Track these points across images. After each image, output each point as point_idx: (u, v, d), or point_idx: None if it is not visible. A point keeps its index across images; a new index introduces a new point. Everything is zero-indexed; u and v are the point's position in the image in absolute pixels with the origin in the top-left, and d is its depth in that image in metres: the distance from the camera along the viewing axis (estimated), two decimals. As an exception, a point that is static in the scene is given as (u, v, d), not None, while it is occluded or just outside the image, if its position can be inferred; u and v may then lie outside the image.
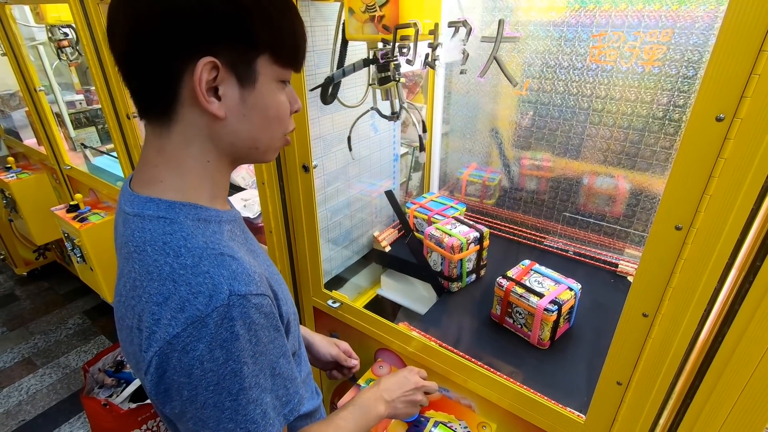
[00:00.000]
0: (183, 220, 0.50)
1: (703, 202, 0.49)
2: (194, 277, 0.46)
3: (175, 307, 0.45)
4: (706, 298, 0.53)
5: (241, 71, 0.49)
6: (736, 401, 0.55)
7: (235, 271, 0.48)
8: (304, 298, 1.13)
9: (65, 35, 1.76)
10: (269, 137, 0.55)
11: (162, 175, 0.52)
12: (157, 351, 0.45)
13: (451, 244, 1.10)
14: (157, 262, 0.47)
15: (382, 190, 1.30)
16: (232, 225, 0.56)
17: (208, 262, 0.47)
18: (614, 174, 1.19)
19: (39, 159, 2.29)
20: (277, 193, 0.99)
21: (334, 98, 0.94)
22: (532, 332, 0.97)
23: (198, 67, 0.46)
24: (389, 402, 0.77)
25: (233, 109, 0.50)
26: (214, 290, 0.46)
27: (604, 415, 0.69)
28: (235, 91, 0.50)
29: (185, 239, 0.49)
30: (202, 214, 0.52)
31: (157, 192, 0.51)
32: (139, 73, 0.49)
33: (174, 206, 0.51)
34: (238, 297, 0.46)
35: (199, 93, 0.47)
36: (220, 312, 0.45)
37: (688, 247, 0.52)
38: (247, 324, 0.47)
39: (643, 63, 1.00)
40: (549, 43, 1.14)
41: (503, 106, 1.32)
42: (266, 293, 0.50)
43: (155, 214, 0.50)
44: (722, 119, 0.45)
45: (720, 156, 0.46)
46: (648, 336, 0.59)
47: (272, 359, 0.51)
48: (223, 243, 0.51)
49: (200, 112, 0.50)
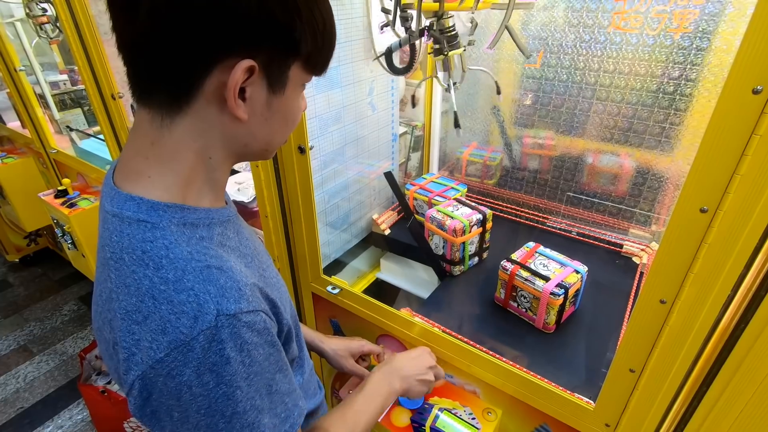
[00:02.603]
0: (166, 224, 0.45)
1: (733, 183, 0.45)
2: (177, 294, 0.42)
3: (156, 329, 0.41)
4: (729, 284, 0.50)
5: (274, 75, 0.46)
6: (756, 390, 0.53)
7: (224, 287, 0.43)
8: (302, 284, 1.10)
9: (44, 11, 1.66)
10: (281, 138, 0.53)
11: (152, 169, 0.47)
12: (140, 375, 0.41)
13: (453, 227, 1.06)
14: (135, 273, 0.43)
15: (381, 172, 1.26)
16: (224, 226, 0.51)
17: (193, 277, 0.43)
18: (620, 152, 1.15)
19: (24, 143, 2.22)
20: (272, 176, 0.95)
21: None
22: (537, 316, 0.94)
23: (237, 69, 0.42)
24: (404, 378, 0.76)
25: (257, 113, 0.47)
26: (199, 310, 0.41)
27: (614, 402, 0.67)
28: (262, 94, 0.46)
29: (167, 248, 0.44)
30: (190, 217, 0.47)
31: (141, 188, 0.46)
32: (157, 56, 0.42)
33: (157, 208, 0.45)
34: (227, 317, 0.42)
35: (230, 95, 0.43)
36: (207, 335, 0.41)
37: (714, 231, 0.48)
38: (238, 345, 0.43)
39: (672, 30, 0.93)
40: (555, 14, 1.08)
41: (505, 82, 1.26)
42: (259, 308, 0.46)
43: (135, 216, 0.45)
44: (760, 91, 0.41)
45: (755, 132, 0.42)
46: (665, 323, 0.56)
47: (268, 377, 0.47)
48: (210, 252, 0.46)
49: (218, 110, 0.45)
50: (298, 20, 0.44)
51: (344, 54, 1.03)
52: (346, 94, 1.08)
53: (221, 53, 0.42)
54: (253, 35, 0.42)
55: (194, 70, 0.42)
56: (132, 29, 0.42)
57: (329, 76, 1.00)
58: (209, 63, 0.42)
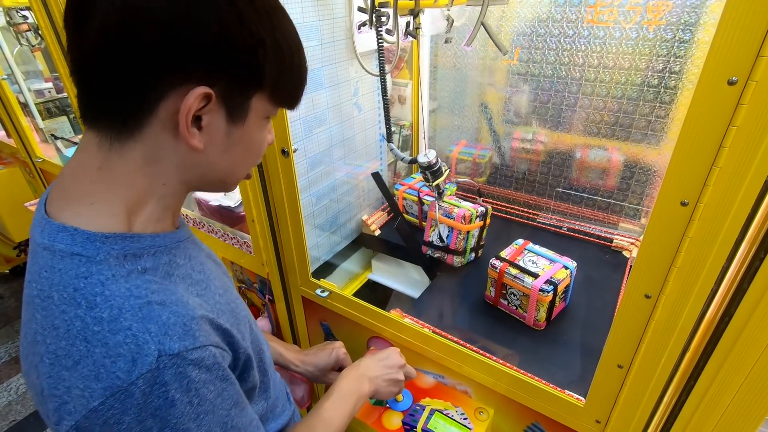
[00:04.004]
0: (104, 258, 0.41)
1: (712, 175, 0.45)
2: (112, 336, 0.38)
3: (89, 374, 0.37)
4: (713, 277, 0.50)
5: (234, 105, 0.44)
6: (742, 383, 0.52)
7: (166, 324, 0.40)
8: (291, 287, 1.09)
9: (24, 18, 1.65)
10: (243, 171, 0.51)
11: (96, 195, 0.43)
12: (73, 425, 0.37)
13: (462, 214, 1.07)
14: (66, 314, 0.39)
15: (369, 173, 1.25)
16: (172, 254, 0.48)
17: (131, 315, 0.39)
18: (608, 146, 1.15)
19: (10, 152, 2.19)
20: (257, 180, 0.94)
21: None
22: (527, 313, 0.94)
23: (191, 96, 0.40)
24: (372, 379, 0.75)
25: (215, 143, 0.45)
26: (138, 352, 0.38)
27: (604, 398, 0.67)
28: (221, 124, 0.44)
29: (103, 285, 0.40)
30: (132, 246, 0.43)
31: (79, 217, 0.42)
32: (106, 76, 0.40)
33: (94, 239, 0.41)
34: (170, 357, 0.39)
35: (182, 122, 0.41)
36: (147, 378, 0.37)
37: (695, 224, 0.48)
38: (184, 386, 0.39)
39: (646, 23, 0.93)
40: (539, 9, 1.08)
41: (492, 79, 1.26)
42: (207, 342, 0.42)
43: (69, 250, 0.41)
44: (735, 82, 0.41)
45: (732, 124, 0.42)
46: (651, 318, 0.56)
47: (222, 414, 0.44)
48: (153, 286, 0.42)
49: (173, 138, 0.43)
50: (261, 50, 0.42)
51: (327, 54, 1.02)
52: (331, 95, 1.07)
53: (176, 79, 0.40)
54: (211, 63, 0.40)
55: (147, 93, 0.40)
56: (82, 47, 0.40)
57: (313, 77, 0.99)
58: (163, 88, 0.40)
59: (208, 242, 1.27)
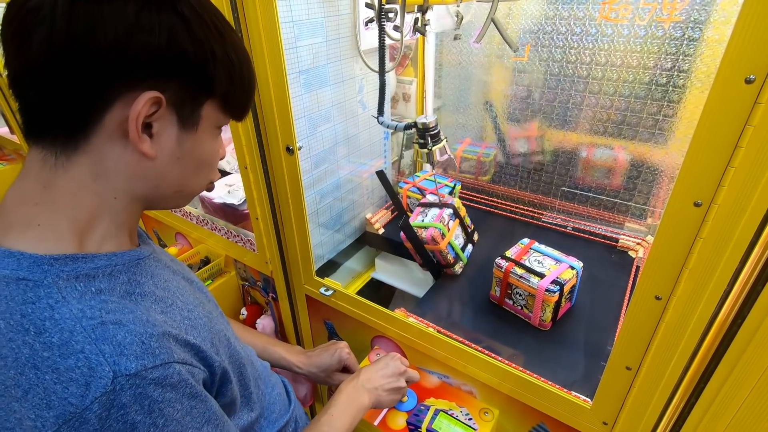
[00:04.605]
0: (52, 281, 0.39)
1: (727, 176, 0.44)
2: (63, 360, 0.36)
3: (40, 403, 0.35)
4: (725, 279, 0.49)
5: (186, 112, 0.44)
6: (754, 387, 0.51)
7: (122, 343, 0.38)
8: (295, 286, 1.09)
9: (28, 14, 1.64)
10: (197, 183, 0.50)
11: (41, 216, 0.41)
12: None
13: (430, 235, 1.04)
14: (13, 342, 0.37)
15: (373, 171, 1.25)
16: (132, 272, 0.46)
17: (83, 338, 0.37)
18: (614, 145, 1.14)
19: (14, 149, 2.19)
20: (262, 178, 0.93)
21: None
22: (533, 314, 0.93)
23: (140, 101, 0.39)
24: (371, 390, 0.75)
25: (166, 151, 0.44)
26: (91, 375, 0.36)
27: (611, 400, 0.66)
28: (172, 131, 0.44)
29: (52, 308, 0.38)
30: (84, 268, 0.41)
31: (24, 241, 0.41)
32: (51, 87, 0.39)
33: (42, 262, 0.40)
34: (127, 377, 0.37)
35: (132, 128, 0.40)
36: (102, 402, 0.35)
37: (708, 225, 0.47)
38: (145, 407, 0.37)
39: (661, 20, 0.92)
40: (546, 6, 1.07)
41: (497, 77, 1.25)
42: (171, 360, 0.40)
43: (14, 275, 0.39)
44: (752, 81, 0.40)
45: (748, 123, 0.41)
46: (661, 319, 0.55)
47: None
48: (108, 306, 0.40)
49: (122, 147, 0.42)
50: (211, 59, 0.42)
51: (332, 51, 1.01)
52: (335, 93, 1.07)
53: (124, 85, 0.40)
54: (161, 69, 0.40)
55: (93, 102, 0.40)
56: (24, 59, 0.39)
57: (318, 74, 0.98)
58: (110, 95, 0.40)
59: (211, 240, 1.27)
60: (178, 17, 0.40)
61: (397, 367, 0.81)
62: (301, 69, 0.93)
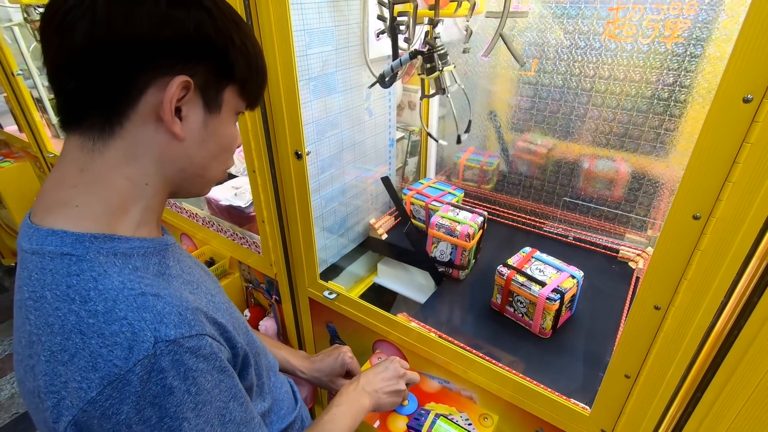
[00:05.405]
0: (94, 256, 0.42)
1: (725, 190, 0.46)
2: (108, 326, 0.38)
3: (86, 366, 0.38)
4: (723, 290, 0.50)
5: (210, 96, 0.48)
6: (750, 396, 0.53)
7: (161, 312, 0.41)
8: (299, 289, 1.10)
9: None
10: (217, 167, 0.53)
11: (79, 198, 0.44)
12: (71, 421, 0.38)
13: (465, 231, 1.07)
14: (59, 310, 0.39)
15: (378, 177, 1.26)
16: (161, 255, 0.49)
17: (126, 306, 0.40)
18: (616, 157, 1.15)
19: (21, 147, 2.21)
20: (269, 181, 0.95)
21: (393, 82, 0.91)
22: (533, 321, 0.95)
23: (173, 84, 0.43)
24: (372, 393, 0.76)
25: (194, 133, 0.48)
26: (134, 339, 0.38)
27: (610, 407, 0.67)
28: (199, 114, 0.47)
29: (96, 280, 0.41)
30: (121, 247, 0.45)
31: (64, 221, 0.44)
32: (91, 75, 0.42)
33: (83, 239, 0.42)
34: (167, 343, 0.39)
35: (167, 109, 0.44)
36: (144, 365, 0.38)
37: (707, 238, 0.49)
38: (182, 373, 0.40)
39: (664, 39, 0.94)
40: (551, 21, 1.09)
41: (502, 87, 1.27)
42: (204, 332, 0.43)
43: (58, 251, 0.42)
44: (750, 100, 0.41)
45: (746, 140, 0.43)
46: (659, 329, 0.57)
47: (220, 406, 0.45)
48: (146, 280, 0.43)
49: (154, 130, 0.45)
50: (231, 46, 0.47)
51: (341, 59, 1.03)
52: (344, 100, 1.09)
53: (157, 71, 0.43)
54: (190, 54, 0.44)
55: (129, 87, 0.43)
56: (67, 53, 0.42)
57: (326, 81, 1.00)
58: (144, 80, 0.43)
59: (216, 241, 1.28)
60: (203, 10, 0.44)
61: (397, 370, 0.82)
62: (311, 76, 0.96)
